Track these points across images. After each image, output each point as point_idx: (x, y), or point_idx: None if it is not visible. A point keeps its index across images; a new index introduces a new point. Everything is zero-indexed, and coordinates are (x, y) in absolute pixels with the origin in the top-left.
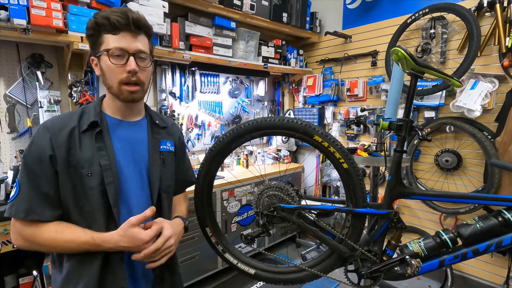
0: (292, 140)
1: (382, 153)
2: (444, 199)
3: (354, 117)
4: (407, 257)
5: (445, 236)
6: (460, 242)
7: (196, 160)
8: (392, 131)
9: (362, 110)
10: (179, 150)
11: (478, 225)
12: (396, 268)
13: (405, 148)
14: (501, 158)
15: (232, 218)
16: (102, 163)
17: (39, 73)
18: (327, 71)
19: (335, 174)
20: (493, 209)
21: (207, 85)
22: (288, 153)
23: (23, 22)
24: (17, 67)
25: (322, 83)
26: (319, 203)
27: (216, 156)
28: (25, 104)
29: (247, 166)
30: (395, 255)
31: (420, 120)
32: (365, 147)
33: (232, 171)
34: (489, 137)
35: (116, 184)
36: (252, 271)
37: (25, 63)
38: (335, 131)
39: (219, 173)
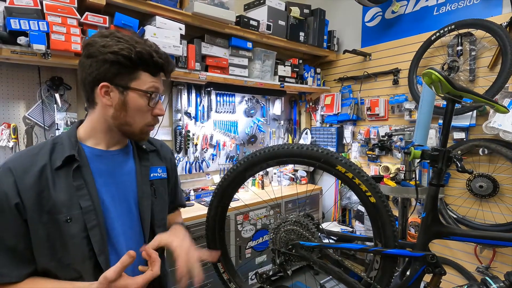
0: None
1: (412, 182)
2: (492, 242)
3: (378, 140)
4: None
5: (494, 286)
6: None
7: (211, 181)
8: (424, 161)
9: (390, 136)
10: (171, 174)
11: None
12: None
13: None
14: None
15: (247, 243)
16: (83, 205)
17: (57, 95)
18: (345, 89)
19: (355, 196)
20: None
21: (223, 104)
22: (305, 173)
23: (42, 47)
24: (37, 89)
25: (340, 101)
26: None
27: (229, 186)
28: (43, 126)
29: (262, 187)
30: None
31: (449, 141)
32: (391, 174)
33: (247, 192)
34: None
35: (102, 227)
36: None
37: (44, 86)
38: (355, 151)
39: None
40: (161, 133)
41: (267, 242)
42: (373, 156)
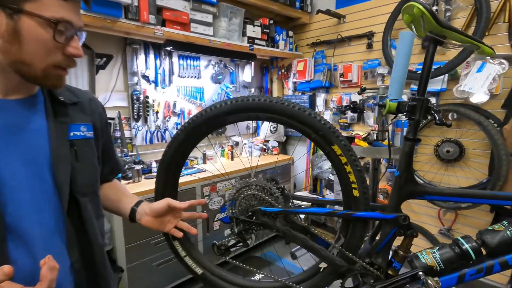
0: (281, 130)
1: (385, 143)
2: (465, 200)
3: (349, 102)
4: (421, 273)
5: (466, 246)
6: (484, 252)
7: None
8: (400, 115)
9: (363, 89)
10: (102, 133)
11: (508, 232)
12: (406, 286)
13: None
14: (510, 148)
15: (215, 215)
16: None
17: None
18: (318, 54)
19: (326, 166)
20: (504, 208)
21: (186, 68)
22: (277, 144)
23: None
24: None
25: (313, 67)
26: (308, 204)
27: (181, 148)
28: None
29: (232, 158)
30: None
31: None
32: (364, 135)
33: (215, 163)
34: (495, 125)
35: None
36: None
37: None
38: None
39: (200, 166)
40: (115, 99)
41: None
42: (345, 124)
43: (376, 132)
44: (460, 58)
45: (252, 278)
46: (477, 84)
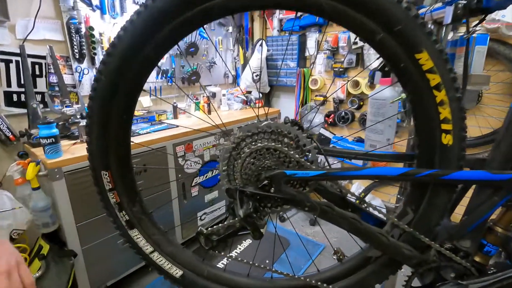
0: (265, 79)
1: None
2: None
3: None
4: None
5: None
6: None
7: (139, 105)
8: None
9: None
10: None
11: None
12: None
13: None
14: None
15: (192, 179)
16: None
17: None
18: None
19: (317, 119)
20: None
21: None
22: (260, 95)
23: None
24: None
25: None
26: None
27: (126, 66)
28: None
29: (209, 112)
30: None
31: None
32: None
33: (189, 118)
34: None
35: None
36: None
37: None
38: (319, 64)
39: (172, 122)
40: (43, 29)
41: (217, 176)
42: (341, 69)
43: None
44: None
45: (260, 275)
46: None
